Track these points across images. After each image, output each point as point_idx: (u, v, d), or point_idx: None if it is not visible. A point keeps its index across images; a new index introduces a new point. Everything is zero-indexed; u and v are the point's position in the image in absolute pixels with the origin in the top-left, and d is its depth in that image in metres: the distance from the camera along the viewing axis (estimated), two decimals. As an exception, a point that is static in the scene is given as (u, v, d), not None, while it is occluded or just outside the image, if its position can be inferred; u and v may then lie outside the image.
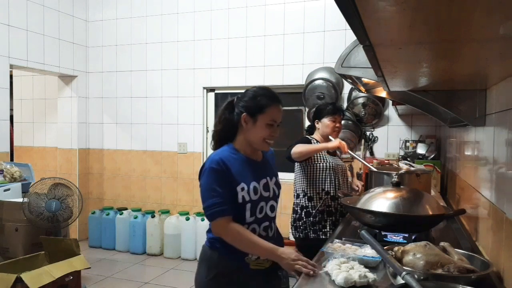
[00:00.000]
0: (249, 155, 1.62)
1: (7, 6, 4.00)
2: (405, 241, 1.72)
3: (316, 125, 2.67)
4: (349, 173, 2.93)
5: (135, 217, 4.55)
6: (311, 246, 2.14)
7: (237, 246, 1.53)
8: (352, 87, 3.89)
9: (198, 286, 1.64)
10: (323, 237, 2.47)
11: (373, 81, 1.95)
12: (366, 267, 1.38)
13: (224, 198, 1.51)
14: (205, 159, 4.60)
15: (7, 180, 3.44)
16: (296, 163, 2.60)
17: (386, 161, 3.58)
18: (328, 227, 2.52)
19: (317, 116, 2.67)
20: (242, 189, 1.54)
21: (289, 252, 1.51)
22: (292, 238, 2.88)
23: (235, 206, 1.54)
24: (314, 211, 2.53)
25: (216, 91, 4.61)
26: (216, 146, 1.64)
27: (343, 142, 2.49)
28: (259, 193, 1.58)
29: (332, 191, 2.55)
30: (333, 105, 2.71)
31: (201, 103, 4.58)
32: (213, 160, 1.54)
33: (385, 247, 1.36)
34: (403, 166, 2.58)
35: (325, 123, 2.62)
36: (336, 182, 2.58)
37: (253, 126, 1.56)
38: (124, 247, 4.59)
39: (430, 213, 1.68)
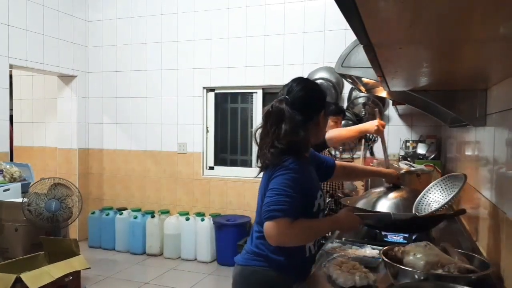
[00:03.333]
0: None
1: (7, 6, 4.00)
2: (406, 241, 1.72)
3: None
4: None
5: (135, 217, 4.54)
6: (304, 263, 2.07)
7: (303, 242, 1.41)
8: (352, 87, 3.89)
9: None
10: (323, 241, 2.45)
11: (373, 81, 1.95)
12: (366, 267, 1.37)
13: (295, 201, 1.32)
14: (204, 159, 4.63)
15: (6, 180, 3.44)
16: None
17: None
18: (330, 232, 2.50)
19: None
20: (321, 196, 1.47)
21: (348, 221, 1.45)
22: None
23: (308, 214, 1.41)
24: None
25: (216, 91, 4.61)
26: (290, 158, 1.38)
27: (382, 122, 2.24)
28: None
29: (335, 194, 2.54)
30: (336, 105, 2.67)
31: (201, 103, 4.58)
32: (289, 163, 1.37)
33: (385, 248, 1.36)
34: (404, 166, 2.58)
35: (328, 123, 2.59)
36: (340, 185, 2.56)
37: (325, 121, 1.54)
38: (124, 247, 4.59)
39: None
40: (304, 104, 1.43)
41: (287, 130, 1.36)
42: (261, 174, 1.48)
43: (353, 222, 1.44)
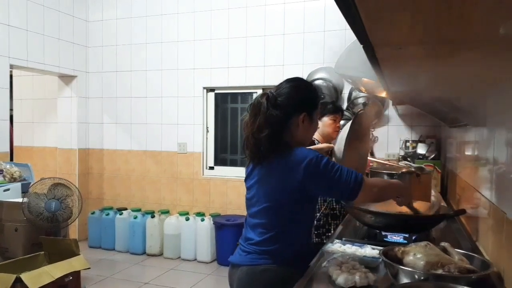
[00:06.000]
0: None
1: (7, 6, 4.00)
2: (406, 242, 1.72)
3: None
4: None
5: (135, 217, 4.54)
6: (310, 253, 2.07)
7: (382, 198, 1.56)
8: (352, 87, 3.89)
9: None
10: (325, 241, 2.45)
11: (373, 81, 1.95)
12: (366, 267, 1.37)
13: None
14: (204, 159, 4.63)
15: (6, 180, 3.44)
16: None
17: (386, 161, 3.58)
18: (332, 231, 2.50)
19: None
20: None
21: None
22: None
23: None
24: (318, 214, 2.50)
25: (216, 91, 4.61)
26: (263, 155, 1.43)
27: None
28: None
29: None
30: (333, 104, 2.70)
31: (201, 103, 4.58)
32: (313, 151, 1.44)
33: (385, 248, 1.36)
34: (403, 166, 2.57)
35: (326, 122, 2.60)
36: None
37: (310, 124, 1.51)
38: (124, 247, 4.59)
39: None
40: (284, 101, 1.45)
41: (260, 123, 1.42)
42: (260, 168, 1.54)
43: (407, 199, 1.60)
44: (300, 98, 1.49)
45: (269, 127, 1.42)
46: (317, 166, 1.37)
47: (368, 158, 2.68)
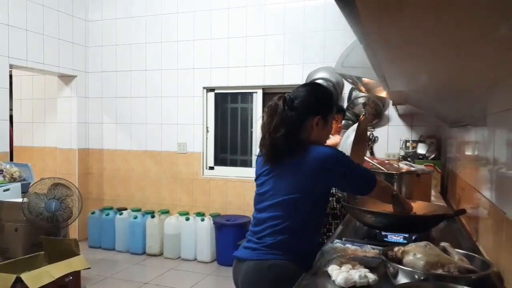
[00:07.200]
0: None
1: (7, 6, 4.00)
2: (406, 241, 1.72)
3: None
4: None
5: (135, 217, 4.54)
6: (315, 251, 2.07)
7: (386, 195, 1.64)
8: (352, 87, 3.89)
9: None
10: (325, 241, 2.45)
11: (373, 81, 1.95)
12: (366, 267, 1.37)
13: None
14: (204, 159, 4.63)
15: (6, 180, 3.44)
16: None
17: (386, 161, 3.57)
18: (333, 231, 2.50)
19: None
20: None
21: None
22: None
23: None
24: None
25: (216, 91, 4.61)
26: (278, 154, 1.50)
27: None
28: None
29: (337, 193, 2.53)
30: (335, 104, 2.70)
31: (201, 103, 4.58)
32: (334, 148, 1.59)
33: (385, 248, 1.36)
34: (404, 166, 2.57)
35: None
36: None
37: (324, 127, 1.58)
38: (124, 247, 4.59)
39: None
40: (299, 103, 1.53)
41: (276, 124, 1.50)
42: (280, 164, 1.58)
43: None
44: (315, 102, 1.56)
45: (284, 127, 1.49)
46: (343, 161, 1.49)
47: (367, 157, 2.69)
